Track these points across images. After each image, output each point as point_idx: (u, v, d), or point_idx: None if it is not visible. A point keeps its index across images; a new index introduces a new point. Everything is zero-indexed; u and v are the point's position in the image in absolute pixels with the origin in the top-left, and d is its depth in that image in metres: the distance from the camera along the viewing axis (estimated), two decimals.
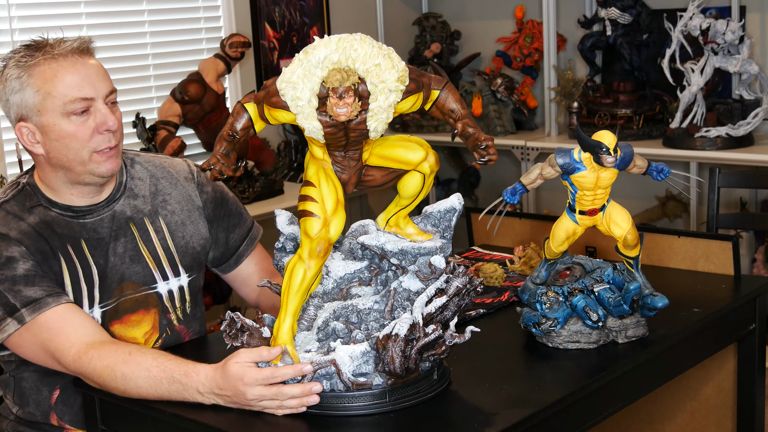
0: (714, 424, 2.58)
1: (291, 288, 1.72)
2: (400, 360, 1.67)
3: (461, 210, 1.86)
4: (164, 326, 2.14)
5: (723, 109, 3.79)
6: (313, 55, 1.61)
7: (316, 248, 1.69)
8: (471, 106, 4.48)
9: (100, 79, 1.98)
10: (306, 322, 1.81)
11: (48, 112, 1.95)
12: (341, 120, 1.61)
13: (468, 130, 1.70)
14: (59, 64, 1.95)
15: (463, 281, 1.75)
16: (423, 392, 1.75)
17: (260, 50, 4.40)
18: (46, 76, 1.94)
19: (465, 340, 1.73)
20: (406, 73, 1.63)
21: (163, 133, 3.69)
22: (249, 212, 2.37)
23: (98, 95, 1.97)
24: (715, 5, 3.95)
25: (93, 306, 2.04)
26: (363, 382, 1.70)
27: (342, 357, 1.69)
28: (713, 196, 3.16)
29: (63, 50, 1.96)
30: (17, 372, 2.09)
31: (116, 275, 2.07)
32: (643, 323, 2.00)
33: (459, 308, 1.77)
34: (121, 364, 1.82)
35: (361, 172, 1.75)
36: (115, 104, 2.03)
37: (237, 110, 1.68)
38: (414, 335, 1.68)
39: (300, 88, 1.61)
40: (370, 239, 1.82)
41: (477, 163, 1.70)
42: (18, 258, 1.94)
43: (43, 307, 1.91)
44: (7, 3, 3.52)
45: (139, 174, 2.16)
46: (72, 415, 2.08)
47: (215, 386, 1.73)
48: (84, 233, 2.04)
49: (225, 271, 2.31)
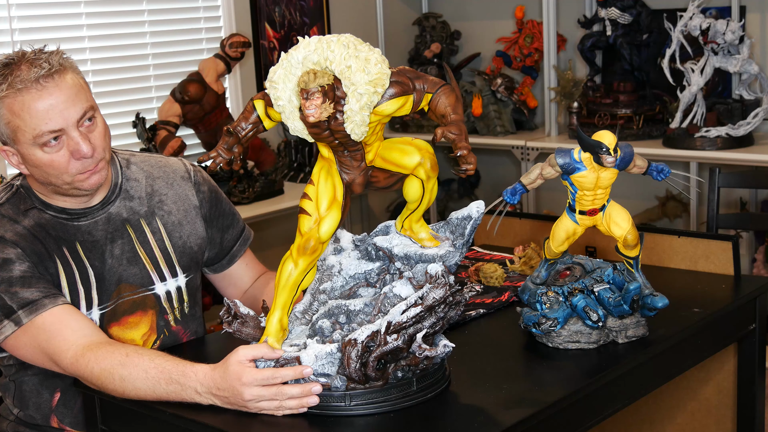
0: (714, 424, 2.58)
1: (280, 282, 1.74)
2: (356, 365, 1.66)
3: (478, 219, 1.79)
4: (162, 327, 2.14)
5: (723, 109, 3.79)
6: (293, 55, 1.62)
7: (305, 245, 1.71)
8: (471, 106, 4.48)
9: (69, 106, 1.90)
10: (308, 316, 1.82)
11: (21, 143, 1.93)
12: (310, 121, 1.61)
13: (449, 135, 1.62)
14: (23, 97, 1.88)
15: (441, 293, 1.68)
16: (392, 400, 1.70)
17: (260, 50, 4.40)
18: (13, 110, 1.89)
19: (436, 355, 1.70)
20: (383, 76, 1.60)
21: (163, 133, 3.69)
22: (249, 212, 2.38)
23: (68, 124, 1.91)
24: (715, 5, 3.95)
25: (91, 308, 2.04)
26: (323, 382, 1.69)
27: (308, 355, 1.69)
28: (713, 196, 3.16)
29: (29, 78, 1.88)
30: (17, 376, 2.09)
31: (114, 277, 2.07)
32: (643, 323, 2.00)
33: (441, 320, 1.72)
34: (118, 366, 1.82)
35: (368, 173, 1.75)
36: (93, 120, 1.96)
37: (248, 107, 1.71)
38: (373, 343, 1.67)
39: (280, 88, 1.62)
40: (383, 241, 1.82)
41: (458, 171, 1.62)
42: (14, 260, 1.94)
43: (40, 308, 1.91)
44: (7, 3, 3.52)
45: (135, 175, 2.15)
46: (72, 417, 2.08)
47: (213, 386, 1.72)
48: (79, 236, 2.04)
49: (216, 271, 2.31)
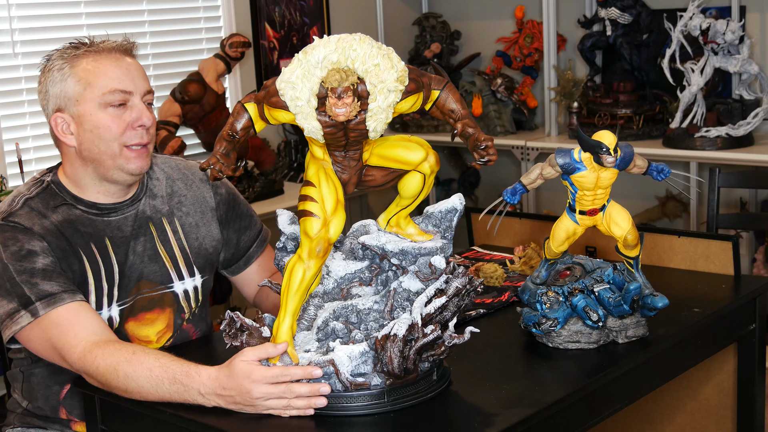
0: (714, 424, 2.58)
1: (290, 288, 1.72)
2: (399, 360, 1.67)
3: (462, 210, 1.85)
4: (178, 325, 2.16)
5: (723, 109, 3.79)
6: (312, 55, 1.60)
7: (316, 248, 1.69)
8: (471, 106, 4.48)
9: (140, 77, 2.06)
10: (306, 321, 1.81)
11: (86, 102, 2.00)
12: (340, 120, 1.61)
13: (468, 130, 1.69)
14: (102, 57, 2.02)
15: (463, 282, 1.74)
16: (422, 392, 1.74)
17: (260, 50, 4.40)
18: (88, 68, 2.00)
19: (465, 341, 1.73)
20: (406, 73, 1.63)
21: (163, 133, 3.69)
22: None
23: (137, 91, 2.03)
24: (715, 5, 3.95)
25: (111, 304, 2.06)
26: (361, 382, 1.69)
27: (341, 357, 1.69)
28: (713, 196, 3.16)
29: (107, 46, 2.04)
30: (28, 368, 2.11)
31: (134, 273, 2.09)
32: (643, 323, 2.00)
33: (459, 308, 1.77)
34: (123, 363, 1.82)
35: (362, 172, 1.75)
36: (151, 106, 2.08)
37: (237, 110, 1.69)
38: (413, 336, 1.68)
39: (299, 88, 1.61)
40: (371, 239, 1.82)
41: (477, 163, 1.69)
42: (39, 252, 1.96)
43: (58, 302, 1.92)
44: (7, 3, 3.52)
45: (156, 174, 2.19)
46: (81, 409, 2.09)
47: (218, 386, 1.72)
48: (108, 231, 2.06)
49: (234, 273, 2.32)
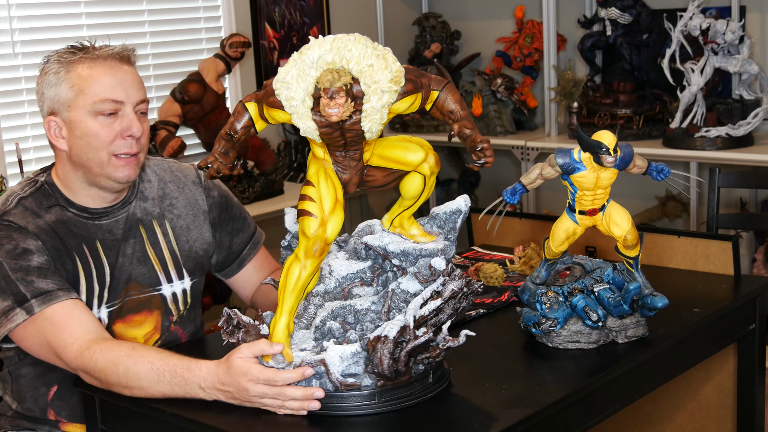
0: (714, 424, 2.58)
1: (287, 286, 1.72)
2: (389, 362, 1.67)
3: (467, 212, 1.84)
4: (166, 327, 2.16)
5: (723, 109, 3.79)
6: (307, 55, 1.61)
7: (312, 247, 1.69)
8: (471, 106, 4.47)
9: (133, 87, 2.03)
10: (306, 320, 1.81)
11: (77, 109, 1.99)
12: (333, 120, 1.61)
13: (465, 131, 1.68)
14: (98, 64, 2.00)
15: (459, 284, 1.73)
16: (416, 395, 1.74)
17: (260, 50, 4.40)
18: (82, 74, 1.99)
19: (459, 344, 1.73)
20: (401, 74, 1.62)
21: (163, 133, 3.69)
22: (249, 212, 2.38)
23: (129, 101, 2.01)
24: (715, 5, 3.95)
25: (101, 305, 2.06)
26: (352, 382, 1.69)
27: (332, 357, 1.69)
28: (713, 196, 3.16)
29: (104, 53, 2.02)
30: (15, 369, 2.11)
31: (123, 275, 2.09)
32: (643, 323, 2.00)
33: (456, 311, 1.76)
34: (124, 357, 1.83)
35: (363, 172, 1.75)
36: (145, 115, 2.06)
37: (238, 109, 1.69)
38: (404, 338, 1.67)
39: (294, 88, 1.61)
40: (374, 239, 1.82)
41: (474, 165, 1.69)
42: (34, 251, 1.96)
43: (53, 299, 1.93)
44: (7, 3, 3.52)
45: (148, 177, 2.18)
46: (69, 410, 2.10)
47: (217, 381, 1.73)
48: (99, 234, 2.06)
49: (228, 276, 2.32)
